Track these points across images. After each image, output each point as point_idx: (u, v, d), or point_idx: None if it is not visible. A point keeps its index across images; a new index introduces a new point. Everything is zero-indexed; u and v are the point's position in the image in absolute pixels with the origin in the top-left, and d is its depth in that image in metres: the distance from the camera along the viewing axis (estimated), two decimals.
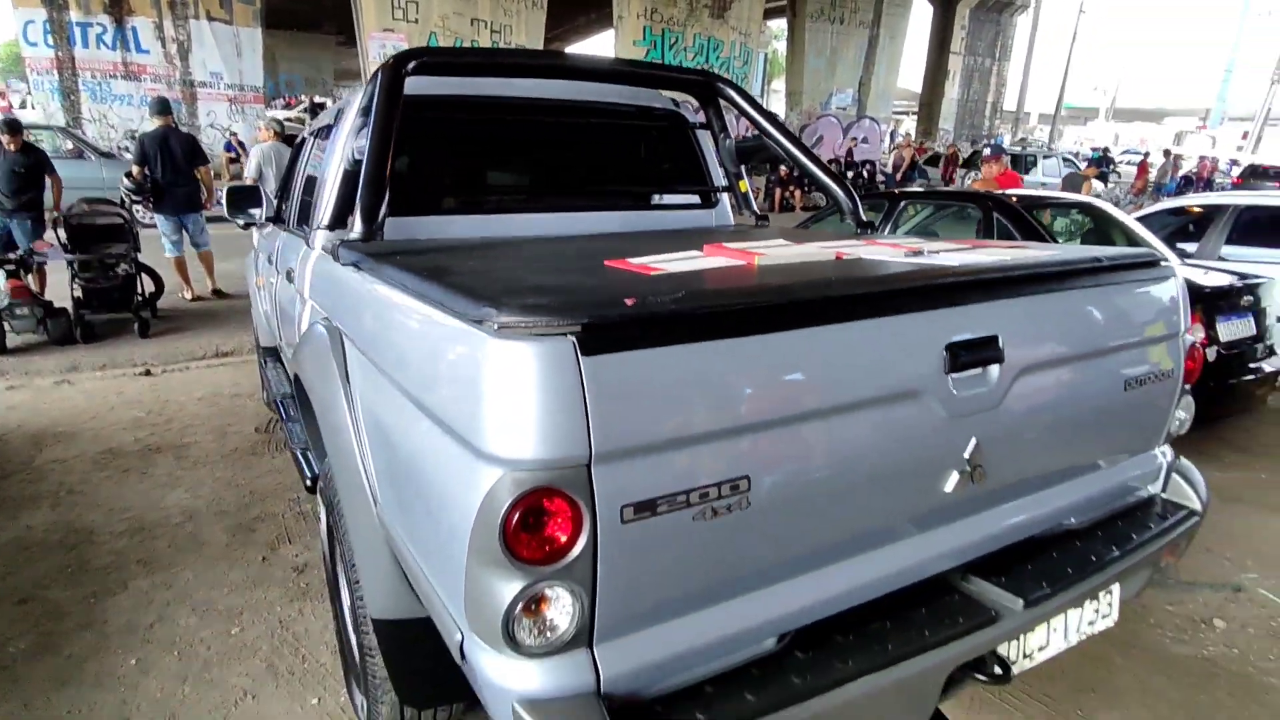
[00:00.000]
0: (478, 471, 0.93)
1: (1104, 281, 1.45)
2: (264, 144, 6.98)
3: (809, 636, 1.15)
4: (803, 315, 1.06)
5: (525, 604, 0.94)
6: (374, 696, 1.73)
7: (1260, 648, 2.49)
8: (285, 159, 6.93)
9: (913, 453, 1.20)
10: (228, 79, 16.60)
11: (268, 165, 6.78)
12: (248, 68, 16.93)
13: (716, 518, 1.01)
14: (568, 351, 0.90)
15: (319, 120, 2.99)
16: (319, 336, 1.79)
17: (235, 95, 16.88)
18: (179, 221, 6.58)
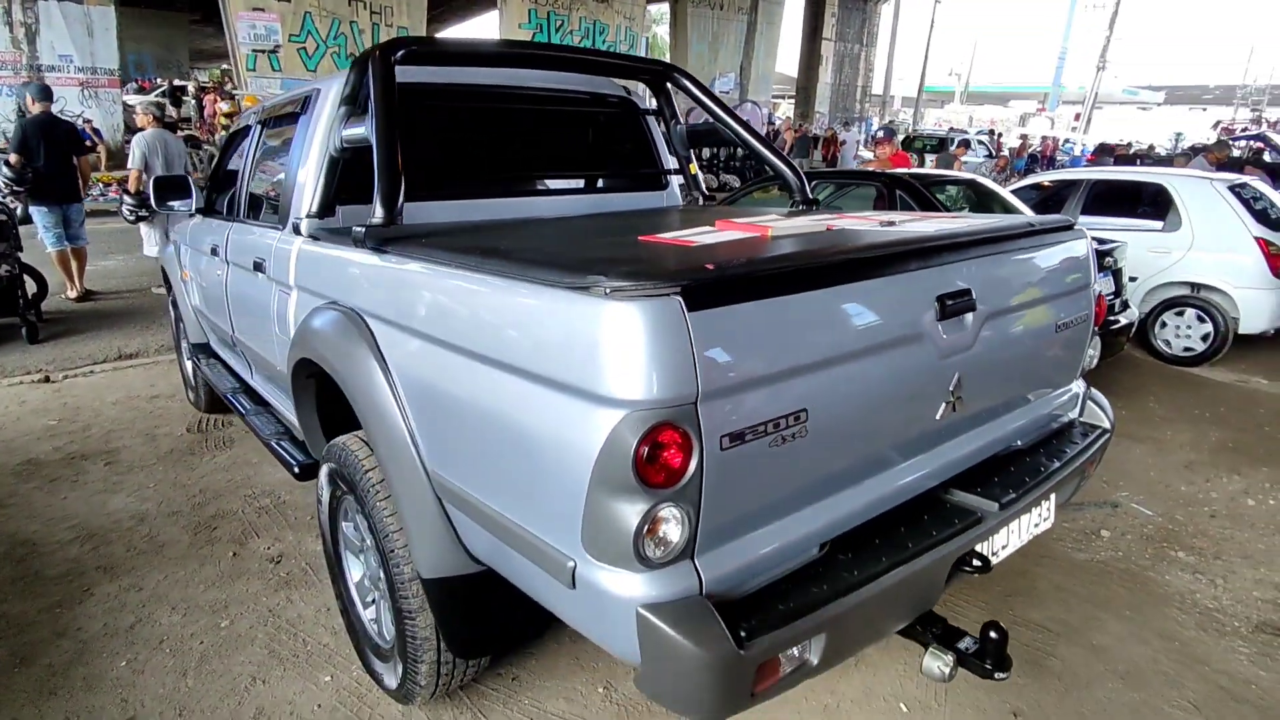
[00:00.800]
0: (596, 415, 1.09)
1: (1039, 243, 1.77)
2: (146, 132, 6.52)
3: (843, 543, 1.39)
4: (844, 271, 1.28)
5: (651, 524, 1.11)
6: (411, 658, 1.83)
7: (1138, 549, 2.98)
8: (172, 147, 6.56)
9: (915, 385, 1.46)
10: (79, 62, 15.19)
11: (153, 155, 6.37)
12: (101, 49, 15.53)
13: (784, 444, 1.21)
14: (676, 309, 1.07)
15: (266, 109, 2.93)
16: (337, 321, 1.85)
17: (88, 79, 15.48)
18: (61, 213, 6.09)
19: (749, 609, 1.19)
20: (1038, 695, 2.13)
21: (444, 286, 1.45)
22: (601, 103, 2.86)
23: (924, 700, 2.11)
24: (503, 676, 2.19)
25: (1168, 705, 2.11)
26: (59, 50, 15.05)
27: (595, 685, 2.18)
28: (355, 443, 1.95)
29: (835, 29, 29.26)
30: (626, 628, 1.15)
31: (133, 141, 6.43)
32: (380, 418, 1.66)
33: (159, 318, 6.21)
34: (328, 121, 2.21)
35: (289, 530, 3.04)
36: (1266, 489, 3.56)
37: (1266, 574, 2.83)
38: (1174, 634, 2.44)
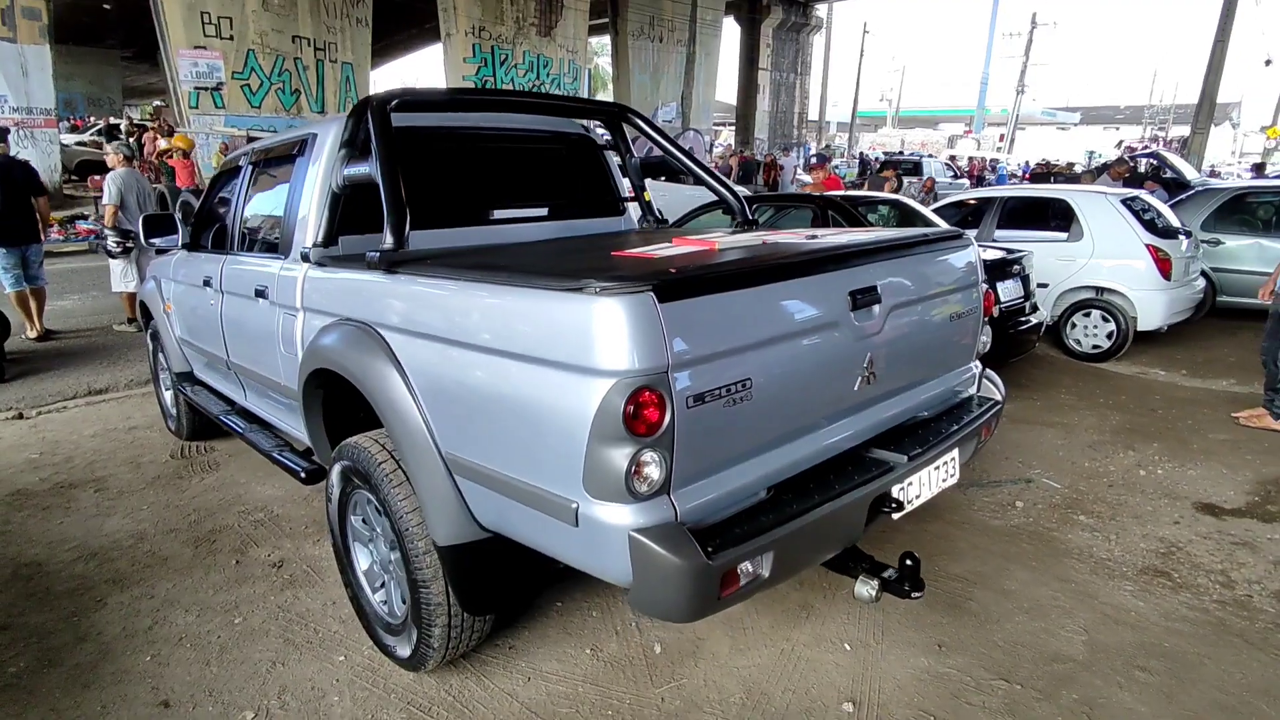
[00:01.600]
0: (592, 383, 1.43)
1: (933, 250, 2.19)
2: (120, 170, 6.74)
3: (785, 488, 1.76)
4: (776, 273, 1.66)
5: (636, 466, 1.45)
6: (425, 623, 2.12)
7: (1046, 516, 3.43)
8: (143, 186, 6.77)
9: (835, 363, 1.85)
10: (13, 101, 14.96)
11: (129, 193, 6.65)
12: (36, 89, 15.34)
13: (734, 406, 1.57)
14: (650, 301, 1.43)
15: (257, 150, 3.22)
16: (351, 334, 2.16)
17: (23, 119, 15.21)
18: (20, 254, 6.19)
19: (714, 534, 1.54)
20: (957, 630, 2.52)
21: (457, 297, 1.78)
22: (564, 140, 3.23)
23: (864, 640, 2.48)
24: (500, 646, 2.49)
25: (1063, 631, 2.52)
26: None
27: (583, 648, 2.48)
28: (367, 441, 2.24)
29: (771, 59, 30.46)
30: (621, 551, 1.48)
31: (107, 179, 6.67)
32: (398, 412, 1.96)
33: (124, 354, 6.32)
34: (328, 161, 2.52)
35: (286, 539, 3.27)
36: (1155, 461, 4.08)
37: (1152, 530, 3.30)
38: (1071, 578, 2.87)
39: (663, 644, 2.49)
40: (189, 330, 3.79)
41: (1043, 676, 2.29)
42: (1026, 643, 2.46)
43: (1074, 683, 2.27)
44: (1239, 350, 6.62)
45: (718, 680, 2.31)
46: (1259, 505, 3.56)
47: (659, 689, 2.28)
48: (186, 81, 16.96)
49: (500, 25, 21.62)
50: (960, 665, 2.35)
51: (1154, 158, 9.20)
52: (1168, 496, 3.65)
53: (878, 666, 2.35)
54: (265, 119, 17.93)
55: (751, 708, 2.19)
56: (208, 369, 3.84)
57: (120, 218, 6.66)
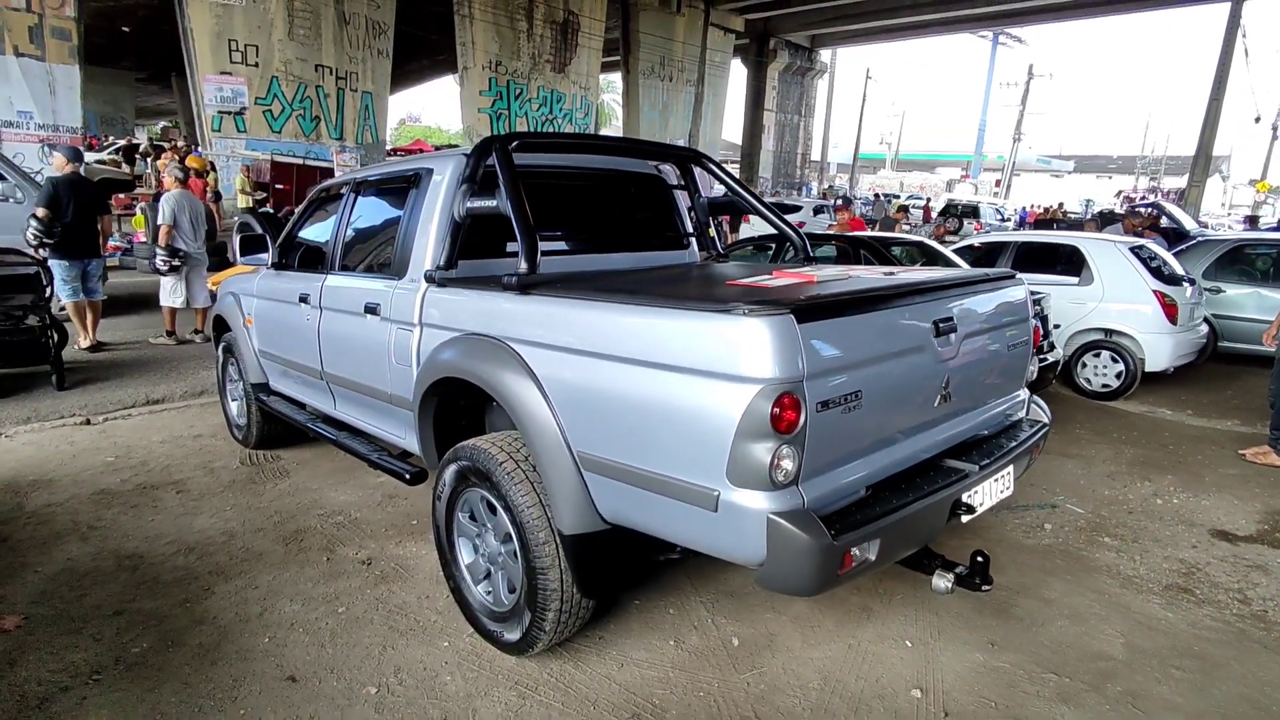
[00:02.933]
0: (740, 389, 1.71)
1: (993, 287, 2.50)
2: (174, 192, 7.16)
3: (880, 488, 2.04)
4: (880, 302, 1.97)
5: (776, 458, 1.73)
6: (540, 607, 2.37)
7: (1074, 537, 3.70)
8: (196, 207, 7.14)
9: (921, 381, 2.14)
10: (39, 118, 15.30)
11: (181, 213, 7.01)
12: (63, 107, 15.70)
13: (849, 413, 1.86)
14: (790, 322, 1.72)
15: (359, 181, 3.52)
16: (482, 347, 2.44)
17: (48, 136, 15.56)
18: (82, 267, 6.49)
19: (833, 520, 1.81)
20: (1006, 631, 2.78)
21: (603, 316, 2.07)
22: (638, 179, 3.55)
23: (923, 638, 2.73)
24: (590, 637, 2.72)
25: (1102, 634, 2.78)
26: (17, 106, 15.15)
27: (667, 640, 2.72)
28: (485, 443, 2.50)
29: (776, 100, 31.35)
30: (757, 532, 1.75)
31: (162, 199, 7.05)
32: (531, 414, 2.24)
33: (176, 366, 6.56)
34: (447, 194, 2.82)
35: (370, 540, 3.50)
36: (1171, 491, 4.36)
37: (1172, 552, 3.57)
38: (1104, 591, 3.13)
39: (740, 638, 2.73)
40: (274, 343, 4.06)
41: (1089, 672, 2.54)
42: (1071, 643, 2.71)
43: (1117, 677, 2.52)
44: (1241, 393, 6.95)
45: (795, 669, 2.55)
46: (1269, 533, 3.84)
47: (743, 675, 2.52)
48: (210, 105, 17.44)
49: (516, 60, 22.28)
50: (1013, 661, 2.60)
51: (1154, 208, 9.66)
52: (1184, 523, 3.92)
53: (938, 660, 2.60)
54: (285, 144, 18.41)
55: (830, 692, 2.43)
56: (284, 379, 4.09)
57: (174, 236, 6.98)
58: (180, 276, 7.10)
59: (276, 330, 4.01)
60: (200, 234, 7.29)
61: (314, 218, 3.95)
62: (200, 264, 7.35)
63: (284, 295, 3.85)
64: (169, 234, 6.90)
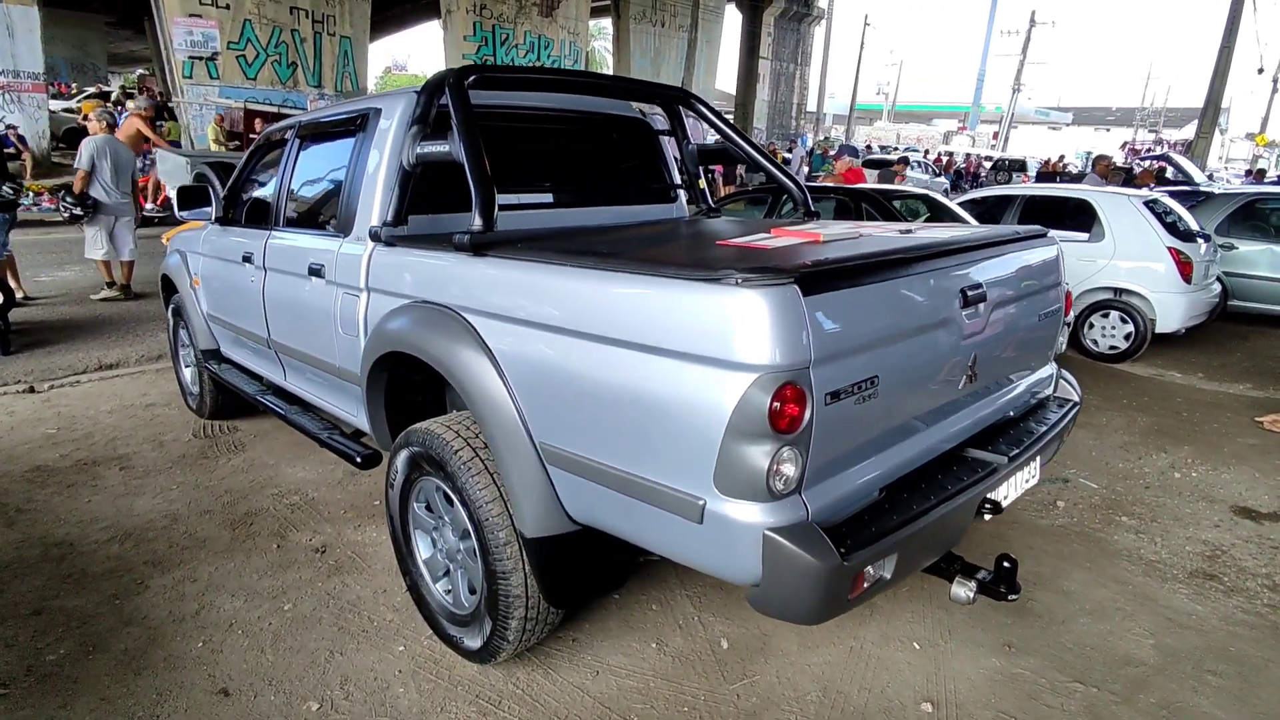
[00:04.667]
0: (731, 378, 1.38)
1: (1024, 247, 2.15)
2: (98, 136, 6.73)
3: (896, 489, 1.72)
4: (902, 267, 1.62)
5: (776, 462, 1.40)
6: (502, 615, 2.07)
7: (1089, 517, 3.43)
8: (121, 155, 6.71)
9: (945, 361, 1.81)
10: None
11: (101, 158, 6.63)
12: (23, 52, 14.91)
13: (862, 404, 1.53)
14: (794, 294, 1.38)
15: (304, 125, 3.11)
16: (431, 317, 2.09)
17: (9, 83, 14.81)
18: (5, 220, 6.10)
19: (842, 534, 1.50)
20: (1023, 631, 2.51)
21: (567, 283, 1.71)
22: (620, 124, 3.15)
23: (932, 639, 2.46)
24: (563, 639, 2.44)
25: (1129, 634, 2.52)
26: None
27: (648, 642, 2.44)
28: (440, 427, 2.17)
29: (771, 48, 30.28)
30: (752, 550, 1.43)
31: (83, 144, 6.64)
32: (488, 398, 1.90)
33: (133, 328, 6.18)
34: (396, 138, 2.44)
35: (325, 523, 3.19)
36: (1189, 464, 4.09)
37: (1194, 533, 3.31)
38: (1126, 580, 2.87)
39: (729, 639, 2.46)
40: (221, 307, 3.69)
41: (1117, 680, 2.28)
42: (1095, 645, 2.45)
43: (1149, 686, 2.26)
44: (1252, 355, 6.69)
45: (791, 678, 2.28)
46: None
47: (732, 685, 2.25)
48: (180, 50, 16.60)
49: (501, 4, 21.32)
50: (1032, 667, 2.33)
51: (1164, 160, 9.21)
52: (1205, 499, 3.66)
53: (949, 666, 2.33)
54: (261, 91, 17.63)
55: (829, 706, 2.17)
56: (237, 346, 3.74)
57: (89, 183, 6.58)
58: (102, 227, 6.75)
59: (223, 292, 3.64)
60: (125, 183, 6.88)
61: (259, 167, 3.55)
62: (126, 214, 6.95)
63: (229, 254, 3.48)
64: (84, 181, 6.54)
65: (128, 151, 7.07)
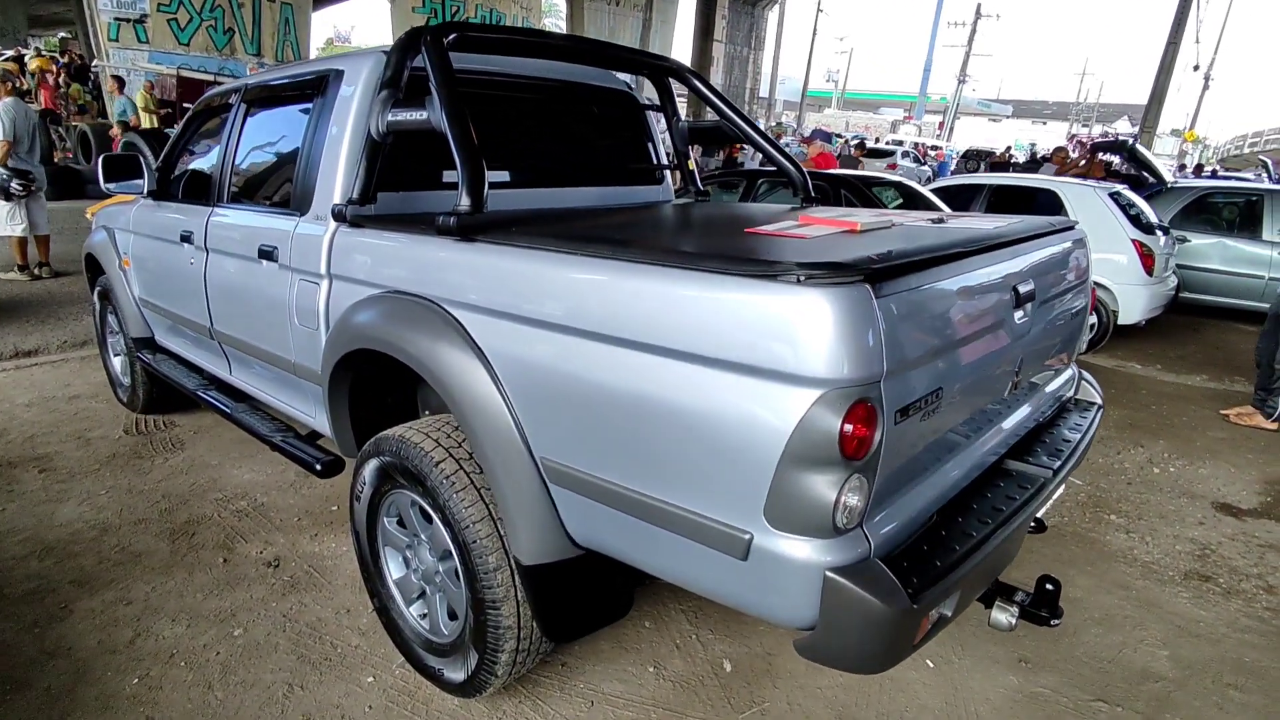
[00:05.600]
0: (790, 394, 1.17)
1: (1060, 240, 2.00)
2: (7, 100, 6.07)
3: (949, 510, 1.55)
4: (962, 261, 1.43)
5: (843, 494, 1.20)
6: (491, 648, 1.83)
7: (1079, 516, 3.36)
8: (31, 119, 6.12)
9: (998, 366, 1.64)
10: None
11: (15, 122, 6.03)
12: None
13: (926, 420, 1.34)
14: (866, 295, 1.17)
15: (252, 87, 2.76)
16: (411, 311, 1.82)
17: None
18: None
19: (904, 570, 1.31)
20: (1036, 644, 2.39)
21: (581, 275, 1.47)
22: (606, 96, 2.90)
23: (945, 655, 2.32)
24: (552, 664, 2.22)
25: (1143, 645, 2.43)
26: None
27: (645, 665, 2.24)
28: (417, 435, 1.91)
29: (726, 31, 30.04)
30: (808, 592, 1.23)
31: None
32: (479, 407, 1.65)
33: (54, 311, 5.66)
34: (362, 104, 2.15)
35: (278, 533, 2.89)
36: (1166, 458, 4.09)
37: (1181, 531, 3.27)
38: (1128, 584, 2.79)
39: (732, 660, 2.27)
40: (155, 291, 3.31)
41: (1139, 697, 2.18)
42: (1111, 658, 2.35)
43: (1173, 704, 2.16)
44: (1205, 346, 6.84)
45: (802, 704, 2.11)
46: (1272, 506, 3.59)
47: (741, 715, 2.07)
48: (105, 11, 15.53)
49: None
50: (1052, 685, 2.22)
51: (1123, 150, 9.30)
52: (1186, 495, 3.64)
53: (966, 686, 2.20)
54: (195, 58, 16.64)
55: None
56: (173, 335, 3.38)
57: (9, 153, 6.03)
58: (19, 202, 6.15)
59: (158, 275, 3.27)
60: (36, 150, 6.31)
61: (199, 135, 3.17)
62: (38, 185, 6.38)
63: (164, 232, 3.11)
64: (7, 151, 5.94)
65: (34, 115, 6.50)
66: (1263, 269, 7.24)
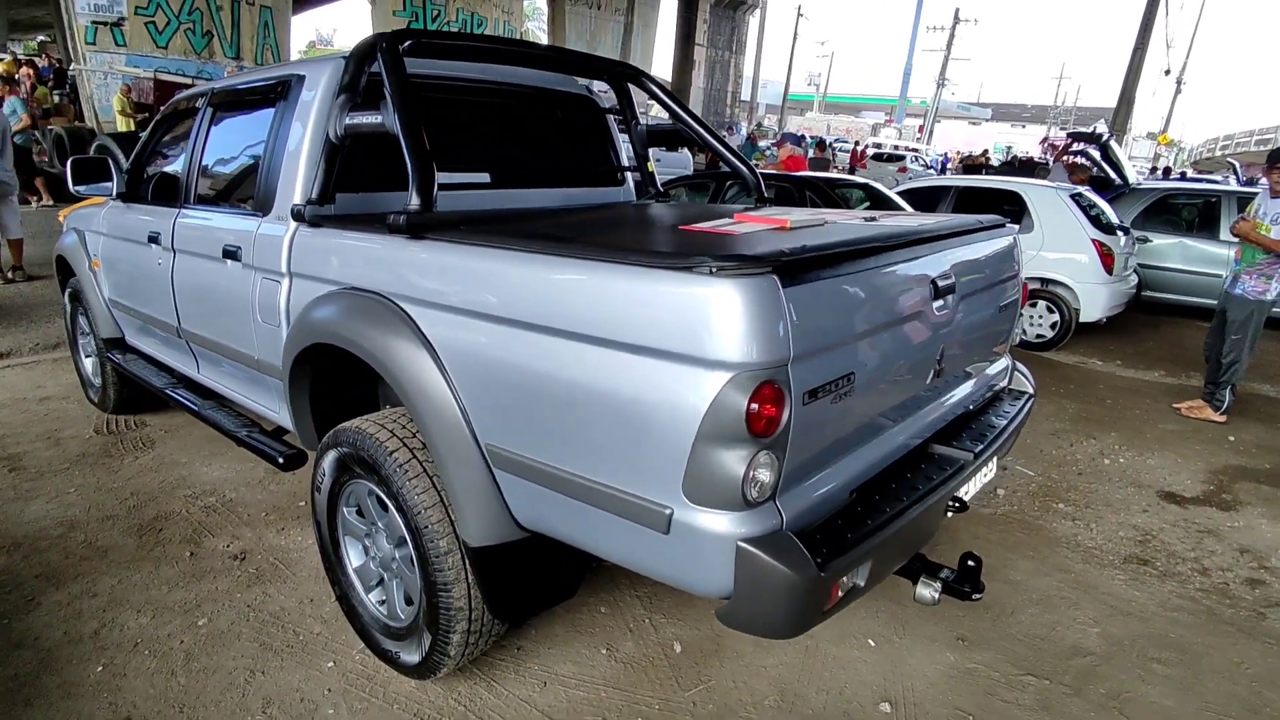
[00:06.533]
0: (704, 376, 1.26)
1: (987, 237, 2.11)
2: None
3: (866, 490, 1.65)
4: (879, 256, 1.53)
5: (752, 469, 1.30)
6: (443, 629, 1.91)
7: (1028, 504, 3.48)
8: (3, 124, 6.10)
9: (916, 354, 1.74)
10: None
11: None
12: None
13: (838, 402, 1.44)
14: (774, 285, 1.27)
15: (218, 91, 2.83)
16: (362, 305, 1.90)
17: None
18: None
19: (816, 542, 1.40)
20: (974, 623, 2.50)
21: (518, 270, 1.55)
22: (565, 100, 2.99)
23: (886, 635, 2.42)
24: (507, 648, 2.30)
25: (1075, 623, 2.54)
26: None
27: (598, 648, 2.33)
28: (372, 426, 1.99)
29: (707, 35, 30.29)
30: (723, 562, 1.33)
31: None
32: (427, 396, 1.73)
33: (26, 313, 5.66)
34: (321, 108, 2.22)
35: (245, 527, 2.95)
36: (1116, 450, 4.23)
37: (1125, 518, 3.40)
38: (1068, 568, 2.91)
39: (682, 642, 2.36)
40: (125, 292, 3.36)
41: (1068, 671, 2.29)
42: (1044, 635, 2.46)
43: (1098, 677, 2.28)
44: (1163, 343, 7.01)
45: (747, 681, 2.21)
46: (1215, 494, 3.73)
47: (688, 692, 2.15)
48: (83, 15, 15.43)
49: None
50: (986, 660, 2.32)
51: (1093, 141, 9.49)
52: (1133, 485, 3.78)
53: (905, 663, 2.30)
54: (173, 61, 16.55)
55: (787, 710, 2.10)
56: (143, 335, 3.42)
57: None
58: None
59: (127, 276, 3.32)
60: (7, 154, 6.28)
61: (167, 138, 3.23)
62: (11, 190, 6.38)
63: (132, 233, 3.16)
64: None
65: (5, 120, 6.47)
66: (1221, 268, 7.41)
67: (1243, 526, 3.40)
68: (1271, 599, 2.80)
